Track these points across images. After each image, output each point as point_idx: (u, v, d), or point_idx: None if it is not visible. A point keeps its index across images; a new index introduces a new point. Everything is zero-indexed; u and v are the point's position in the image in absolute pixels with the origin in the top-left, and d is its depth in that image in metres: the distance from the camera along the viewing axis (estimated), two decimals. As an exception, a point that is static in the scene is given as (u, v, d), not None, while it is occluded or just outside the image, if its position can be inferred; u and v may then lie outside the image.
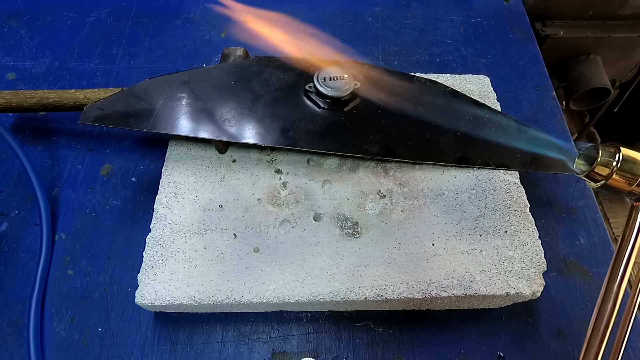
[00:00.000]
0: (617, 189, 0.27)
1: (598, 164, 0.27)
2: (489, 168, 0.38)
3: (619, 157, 0.26)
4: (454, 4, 0.58)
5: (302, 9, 0.57)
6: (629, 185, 0.26)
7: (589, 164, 0.28)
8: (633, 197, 0.27)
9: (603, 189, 0.28)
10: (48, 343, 0.35)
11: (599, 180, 0.27)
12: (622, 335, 0.27)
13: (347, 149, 0.37)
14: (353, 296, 0.32)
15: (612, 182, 0.27)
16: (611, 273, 0.28)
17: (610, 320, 0.27)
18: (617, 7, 0.68)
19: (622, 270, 0.27)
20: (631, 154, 0.26)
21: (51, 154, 0.44)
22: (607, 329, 0.27)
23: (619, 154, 0.26)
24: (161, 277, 0.33)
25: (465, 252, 0.34)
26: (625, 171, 0.26)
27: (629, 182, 0.26)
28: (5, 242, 0.39)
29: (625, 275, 0.27)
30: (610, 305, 0.27)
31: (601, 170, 0.27)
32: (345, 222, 0.35)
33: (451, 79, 0.44)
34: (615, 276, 0.27)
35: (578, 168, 0.29)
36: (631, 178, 0.26)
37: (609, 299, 0.27)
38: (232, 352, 0.34)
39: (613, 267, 0.28)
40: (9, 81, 0.49)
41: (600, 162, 0.27)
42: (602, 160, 0.27)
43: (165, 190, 0.36)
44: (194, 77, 0.38)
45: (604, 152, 0.27)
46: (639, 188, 0.26)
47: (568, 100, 0.76)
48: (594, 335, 0.27)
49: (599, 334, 0.27)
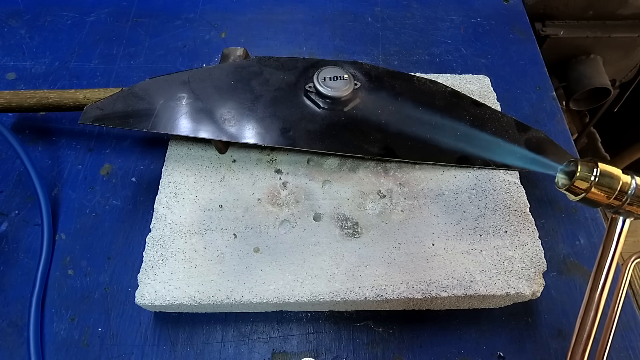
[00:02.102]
0: (596, 201, 0.28)
1: (577, 178, 0.28)
2: (489, 168, 0.38)
3: (597, 172, 0.28)
4: (454, 4, 0.58)
5: (302, 8, 0.57)
6: (607, 199, 0.28)
7: (569, 178, 0.29)
8: (611, 210, 0.29)
9: (583, 202, 0.29)
10: (48, 343, 0.35)
11: (579, 193, 0.28)
12: (605, 343, 0.29)
13: (347, 149, 0.37)
14: (353, 296, 0.32)
15: (591, 195, 0.28)
16: (593, 283, 0.29)
17: (592, 329, 0.28)
18: (617, 7, 0.68)
19: (603, 280, 0.28)
20: (608, 169, 0.28)
21: (51, 154, 0.44)
22: (590, 339, 0.28)
23: (597, 169, 0.28)
24: (161, 277, 0.33)
25: (465, 252, 0.34)
26: (603, 185, 0.27)
27: (607, 195, 0.28)
28: (5, 242, 0.39)
29: (605, 285, 0.28)
30: (592, 314, 0.28)
31: (580, 184, 0.28)
32: (345, 222, 0.35)
33: (451, 79, 0.44)
34: (597, 286, 0.29)
35: (560, 182, 0.30)
36: (609, 191, 0.28)
37: (590, 308, 0.28)
38: (232, 352, 0.34)
39: (595, 277, 0.29)
40: (9, 81, 0.49)
41: (579, 176, 0.28)
42: (581, 175, 0.28)
43: (165, 190, 0.36)
44: (194, 77, 0.38)
45: (583, 167, 0.28)
46: (616, 201, 0.28)
47: (568, 100, 0.76)
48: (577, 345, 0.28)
49: (582, 344, 0.28)
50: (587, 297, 0.29)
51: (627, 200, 0.27)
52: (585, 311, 0.29)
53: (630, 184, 0.27)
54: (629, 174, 0.28)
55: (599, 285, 0.28)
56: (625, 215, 0.29)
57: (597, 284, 0.29)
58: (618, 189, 0.27)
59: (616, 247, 0.29)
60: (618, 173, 0.28)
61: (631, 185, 0.27)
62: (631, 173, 0.28)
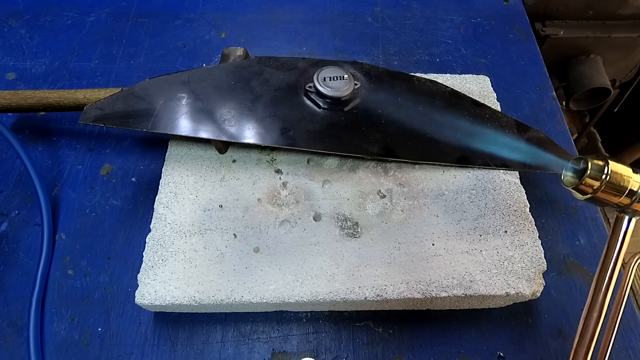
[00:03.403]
0: (604, 201, 0.27)
1: (587, 176, 0.27)
2: (489, 168, 0.38)
3: (608, 170, 0.26)
4: (454, 4, 0.58)
5: (302, 9, 0.57)
6: (617, 198, 0.27)
7: (578, 177, 0.28)
8: (618, 209, 0.28)
9: (589, 201, 0.28)
10: (48, 343, 0.35)
11: (588, 193, 0.27)
12: (607, 343, 0.28)
13: (347, 149, 0.37)
14: (353, 296, 0.32)
15: (601, 194, 0.27)
16: (597, 283, 0.28)
17: (596, 330, 0.27)
18: (617, 7, 0.68)
19: (607, 280, 0.28)
20: (619, 168, 0.26)
21: (51, 154, 0.44)
22: (593, 339, 0.28)
23: (608, 167, 0.26)
24: (161, 277, 0.33)
25: (465, 252, 0.34)
26: (614, 184, 0.26)
27: (616, 194, 0.26)
28: (5, 242, 0.39)
29: (610, 284, 0.28)
30: (595, 315, 0.27)
31: (591, 183, 0.27)
32: (345, 222, 0.35)
33: (451, 79, 0.44)
34: (601, 286, 0.28)
35: (567, 181, 0.29)
36: (619, 191, 0.26)
37: (594, 308, 0.28)
38: (232, 352, 0.34)
39: (599, 277, 0.28)
40: (9, 81, 0.49)
41: (589, 174, 0.27)
42: (591, 174, 0.27)
43: (165, 190, 0.36)
44: (194, 77, 0.38)
45: (594, 165, 0.27)
46: (626, 200, 0.26)
47: (568, 100, 0.76)
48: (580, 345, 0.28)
49: (585, 345, 0.28)
50: (591, 297, 0.28)
51: (637, 199, 0.26)
52: (588, 311, 0.28)
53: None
54: (638, 172, 0.27)
55: (603, 284, 0.28)
56: (632, 214, 0.28)
57: (602, 284, 0.28)
58: (629, 188, 0.26)
59: (621, 247, 0.28)
60: (628, 172, 0.27)
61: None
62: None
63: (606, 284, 0.28)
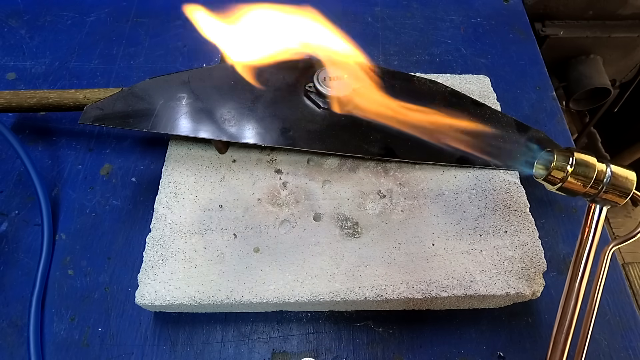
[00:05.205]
0: (573, 190, 0.29)
1: (553, 167, 0.28)
2: (489, 168, 0.38)
3: (573, 160, 0.28)
4: (454, 4, 0.58)
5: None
6: (584, 187, 0.28)
7: (546, 168, 0.29)
8: (588, 198, 0.29)
9: (561, 191, 0.29)
10: (48, 343, 0.35)
11: (556, 183, 0.29)
12: (585, 333, 0.29)
13: (347, 149, 0.37)
14: (353, 296, 0.32)
15: (568, 184, 0.28)
16: (572, 272, 0.29)
17: (573, 318, 0.29)
18: (617, 7, 0.68)
19: (582, 269, 0.29)
20: (584, 157, 0.28)
21: (51, 154, 0.44)
22: (571, 327, 0.29)
23: (572, 157, 0.28)
24: (161, 277, 0.33)
25: (465, 252, 0.34)
26: (579, 174, 0.28)
27: (584, 184, 0.28)
28: (5, 242, 0.39)
29: (585, 274, 0.29)
30: (572, 303, 0.29)
31: (557, 174, 0.28)
32: (345, 222, 0.35)
33: (451, 79, 0.44)
34: (577, 275, 0.29)
35: (537, 172, 0.31)
36: (585, 180, 0.28)
37: (570, 297, 0.29)
38: (232, 352, 0.34)
39: (574, 266, 0.29)
40: (9, 81, 0.49)
41: (555, 166, 0.28)
42: (557, 165, 0.28)
43: (165, 190, 0.36)
44: (194, 77, 0.38)
45: (559, 156, 0.29)
46: (592, 189, 0.28)
47: (568, 100, 0.76)
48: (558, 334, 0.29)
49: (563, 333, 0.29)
50: (567, 287, 0.29)
51: (603, 189, 0.28)
52: (565, 300, 0.29)
53: (606, 172, 0.28)
54: (603, 162, 0.28)
55: (579, 274, 0.29)
56: (602, 203, 0.29)
57: (577, 273, 0.29)
58: (594, 177, 0.28)
59: (594, 236, 0.29)
60: (593, 161, 0.28)
61: (606, 173, 0.28)
62: (606, 161, 0.28)
63: (581, 273, 0.29)
